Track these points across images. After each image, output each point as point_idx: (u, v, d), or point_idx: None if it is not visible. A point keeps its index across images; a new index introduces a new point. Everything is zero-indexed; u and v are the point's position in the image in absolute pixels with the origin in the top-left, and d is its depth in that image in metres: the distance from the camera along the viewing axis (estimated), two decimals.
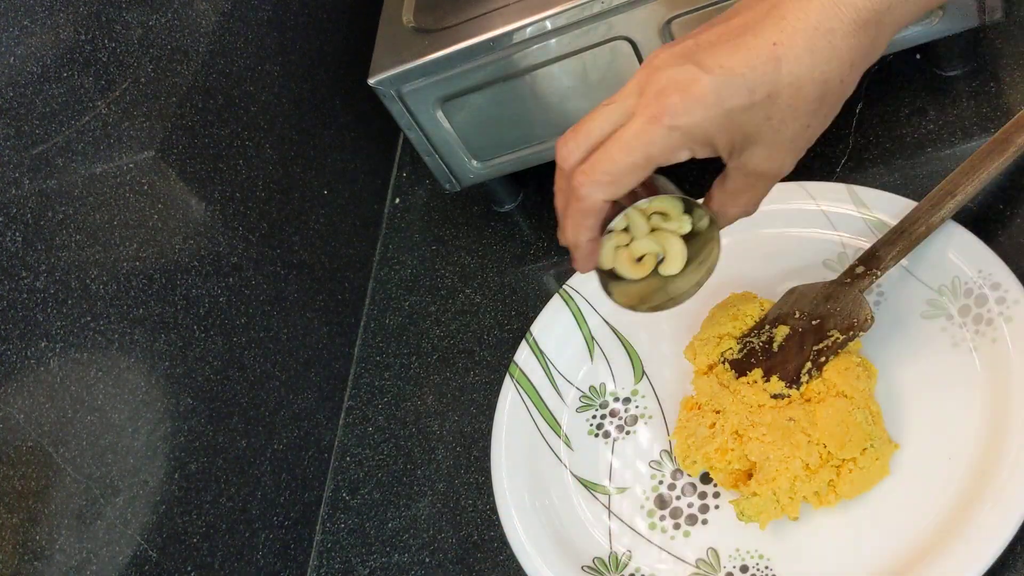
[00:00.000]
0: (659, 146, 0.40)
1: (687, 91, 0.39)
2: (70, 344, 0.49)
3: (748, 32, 0.39)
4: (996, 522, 0.44)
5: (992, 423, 0.48)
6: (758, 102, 0.39)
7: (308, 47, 0.75)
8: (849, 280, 0.54)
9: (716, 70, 0.39)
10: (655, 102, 0.40)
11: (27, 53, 0.50)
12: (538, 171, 0.74)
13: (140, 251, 0.55)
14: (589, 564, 0.53)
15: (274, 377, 0.64)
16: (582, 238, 0.44)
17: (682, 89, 0.39)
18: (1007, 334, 0.50)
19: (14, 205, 0.47)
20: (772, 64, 0.39)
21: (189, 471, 0.55)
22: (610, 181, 0.41)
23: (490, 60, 0.62)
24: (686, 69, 0.39)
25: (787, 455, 0.49)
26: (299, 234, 0.70)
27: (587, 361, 0.62)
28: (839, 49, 0.39)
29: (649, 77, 0.41)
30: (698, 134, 0.40)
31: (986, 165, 0.54)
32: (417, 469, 0.64)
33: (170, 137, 0.59)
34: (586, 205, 0.42)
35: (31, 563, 0.45)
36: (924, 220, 0.54)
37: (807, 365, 0.51)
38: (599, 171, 0.41)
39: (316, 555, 0.63)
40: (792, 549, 0.50)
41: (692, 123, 0.40)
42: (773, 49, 0.39)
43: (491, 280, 0.72)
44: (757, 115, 0.40)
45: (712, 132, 0.40)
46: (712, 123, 0.40)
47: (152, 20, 0.59)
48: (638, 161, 0.41)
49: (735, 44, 0.39)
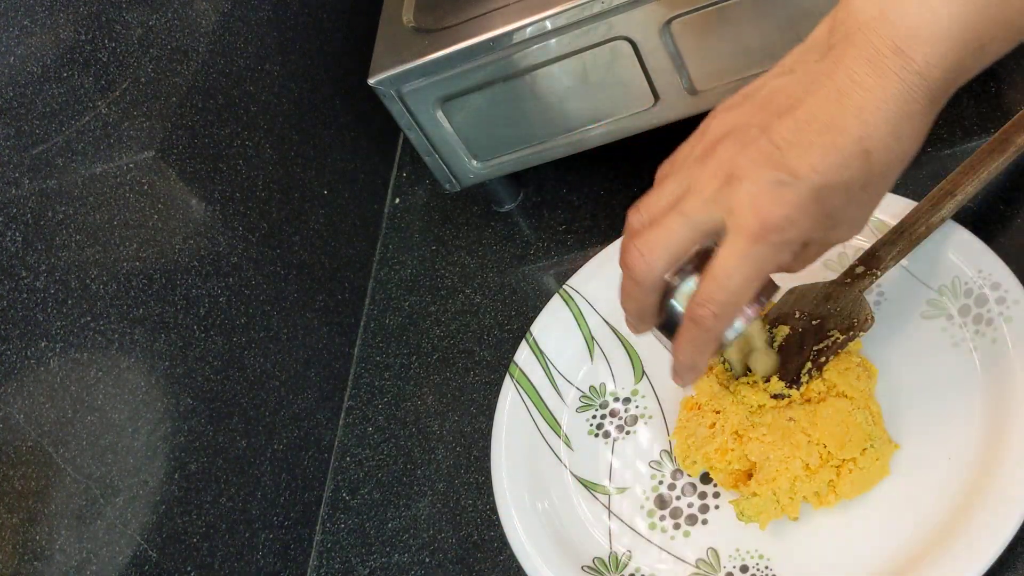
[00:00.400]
0: (771, 263, 0.39)
1: (787, 202, 0.38)
2: (70, 344, 0.49)
3: (831, 131, 0.38)
4: (996, 522, 0.44)
5: (992, 423, 0.48)
6: (854, 197, 0.39)
7: (308, 47, 0.75)
8: (849, 280, 0.54)
9: (813, 176, 0.38)
10: (752, 217, 0.38)
11: (27, 53, 0.50)
12: (538, 171, 0.74)
13: (140, 251, 0.55)
14: (589, 564, 0.53)
15: (274, 377, 0.64)
16: (702, 363, 0.44)
17: (781, 202, 0.38)
18: (1007, 334, 0.50)
19: (14, 205, 0.47)
20: (863, 159, 0.38)
21: (189, 471, 0.55)
22: (728, 311, 0.41)
23: (490, 60, 0.62)
24: (777, 176, 0.38)
25: (787, 455, 0.49)
26: (299, 234, 0.70)
27: (587, 361, 0.62)
28: (918, 129, 0.38)
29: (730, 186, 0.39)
30: (802, 240, 0.39)
31: (986, 165, 0.54)
32: (417, 469, 0.64)
33: (170, 137, 0.59)
34: (712, 336, 0.42)
35: (31, 563, 0.45)
36: (924, 220, 0.54)
37: (807, 365, 0.51)
38: (717, 302, 0.40)
39: (316, 555, 0.63)
40: (792, 549, 0.50)
41: (799, 234, 0.39)
42: (861, 143, 0.37)
43: (491, 280, 0.72)
44: (851, 205, 0.39)
45: (813, 232, 0.39)
46: (814, 225, 0.39)
47: (152, 20, 0.59)
48: (752, 281, 0.40)
49: (822, 146, 0.38)
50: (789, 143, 0.38)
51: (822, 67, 0.39)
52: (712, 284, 0.40)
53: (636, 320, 0.45)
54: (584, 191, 0.74)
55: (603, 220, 0.71)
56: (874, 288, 0.55)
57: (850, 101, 0.38)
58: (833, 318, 0.53)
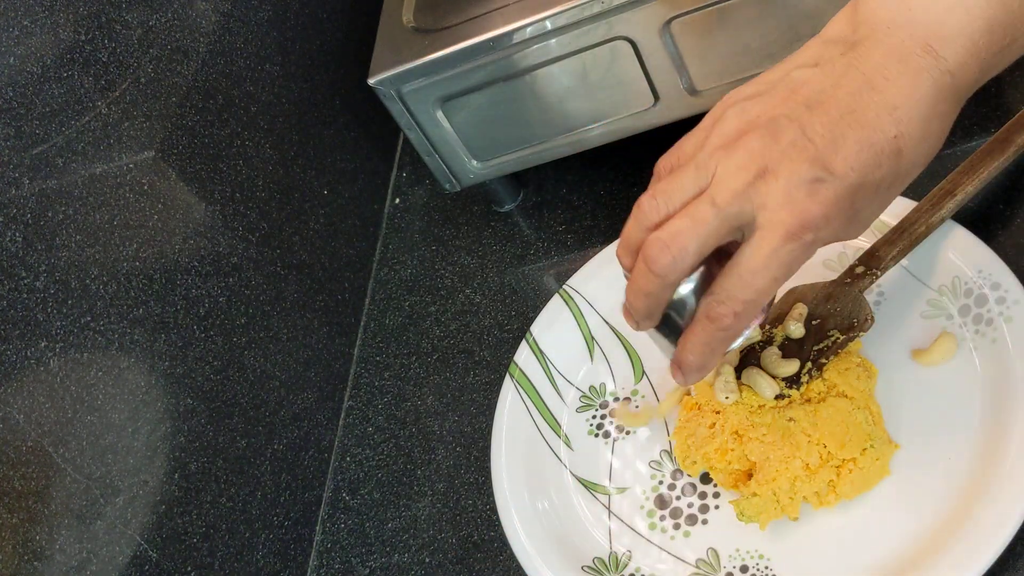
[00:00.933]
0: (799, 262, 0.38)
1: (824, 200, 0.37)
2: (70, 344, 0.49)
3: (865, 128, 0.37)
4: (996, 522, 0.44)
5: (992, 423, 0.48)
6: (879, 196, 0.38)
7: (308, 47, 0.75)
8: (849, 280, 0.54)
9: (850, 174, 0.37)
10: (788, 214, 0.37)
11: (27, 53, 0.50)
12: (538, 171, 0.74)
13: (140, 251, 0.55)
14: (589, 564, 0.53)
15: (274, 377, 0.64)
16: (711, 364, 0.42)
17: (818, 200, 0.37)
18: (1007, 334, 0.50)
19: (14, 205, 0.47)
20: (895, 157, 0.37)
21: (189, 471, 0.55)
22: (750, 311, 0.39)
23: (490, 60, 0.62)
24: (814, 172, 0.37)
25: (787, 455, 0.49)
26: (299, 234, 0.70)
27: (587, 361, 0.62)
28: (943, 130, 0.38)
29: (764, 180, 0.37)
30: (832, 240, 0.38)
31: (986, 165, 0.54)
32: (417, 469, 0.64)
33: (170, 137, 0.59)
34: (729, 336, 0.40)
35: (31, 563, 0.45)
36: (924, 220, 0.54)
37: (807, 365, 0.51)
38: (740, 300, 0.39)
39: (316, 555, 0.63)
40: (792, 549, 0.50)
41: (831, 233, 0.38)
42: (895, 142, 0.37)
43: (491, 280, 0.72)
44: (873, 204, 0.38)
45: (840, 232, 0.38)
46: (845, 224, 0.38)
47: (152, 20, 0.59)
48: (779, 281, 0.38)
49: (857, 143, 0.37)
50: (823, 138, 0.37)
51: (849, 61, 0.38)
52: (737, 281, 0.38)
53: (643, 317, 0.42)
54: (584, 191, 0.74)
55: (603, 220, 0.71)
56: (874, 288, 0.55)
57: (883, 98, 0.37)
58: (833, 318, 0.53)
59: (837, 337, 0.52)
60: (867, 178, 0.37)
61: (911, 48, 0.37)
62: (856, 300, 0.53)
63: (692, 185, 0.39)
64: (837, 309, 0.53)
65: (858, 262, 0.55)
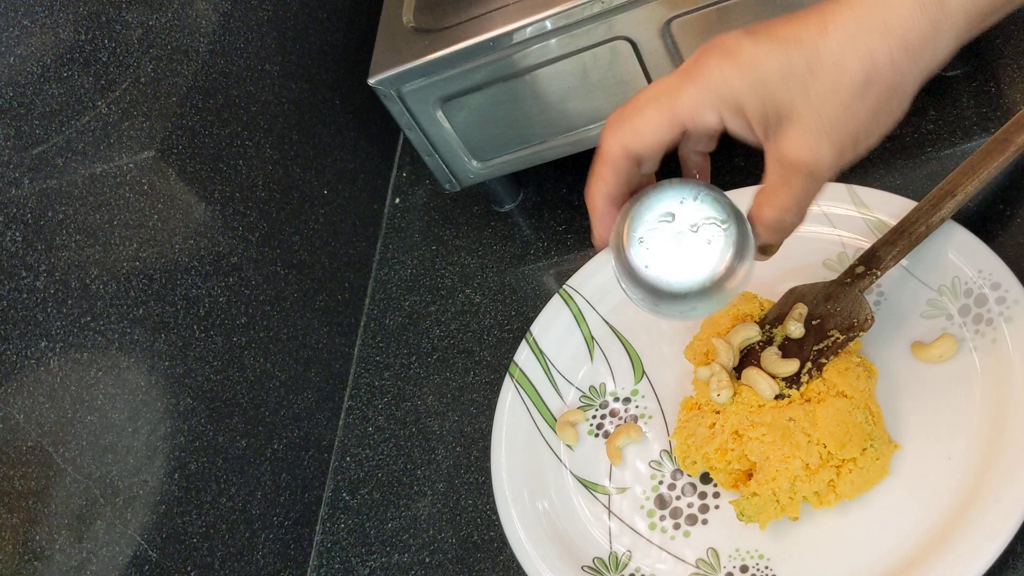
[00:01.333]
0: (686, 102, 0.39)
1: (727, 53, 0.38)
2: (70, 344, 0.49)
3: (809, 10, 0.38)
4: (996, 522, 0.44)
5: (992, 423, 0.48)
6: (796, 72, 0.37)
7: (308, 47, 0.75)
8: (849, 280, 0.54)
9: (763, 39, 0.38)
10: (694, 64, 0.39)
11: (27, 53, 0.50)
12: (538, 171, 0.74)
13: (140, 251, 0.55)
14: (589, 564, 0.53)
15: (274, 377, 0.64)
16: (596, 192, 0.42)
17: (723, 52, 0.38)
18: (1007, 334, 0.50)
19: (14, 205, 0.47)
20: (818, 31, 0.37)
21: (189, 471, 0.55)
22: (631, 129, 0.40)
23: (490, 60, 0.62)
24: (734, 35, 0.38)
25: (787, 455, 0.49)
26: (299, 234, 0.70)
27: (587, 361, 0.62)
28: (891, 25, 0.36)
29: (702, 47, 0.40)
30: (727, 95, 0.38)
31: (986, 165, 0.54)
32: (417, 469, 0.64)
33: (170, 137, 0.59)
34: (604, 152, 0.41)
35: (31, 563, 0.45)
36: (924, 220, 0.54)
37: (807, 365, 0.51)
38: (623, 119, 0.40)
39: (316, 555, 0.63)
40: (792, 549, 0.50)
41: (723, 82, 0.38)
42: (822, 18, 0.37)
43: (491, 280, 0.72)
44: (794, 87, 0.37)
45: (743, 97, 0.38)
46: (744, 87, 0.38)
47: (152, 20, 0.59)
48: (663, 113, 0.39)
49: (790, 17, 0.38)
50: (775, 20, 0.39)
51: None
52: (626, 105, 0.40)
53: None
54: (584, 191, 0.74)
55: None
56: (874, 288, 0.55)
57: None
58: (833, 318, 0.53)
59: (837, 337, 0.52)
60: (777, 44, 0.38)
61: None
62: (856, 300, 0.53)
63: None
64: (837, 309, 0.53)
65: (858, 262, 0.55)
